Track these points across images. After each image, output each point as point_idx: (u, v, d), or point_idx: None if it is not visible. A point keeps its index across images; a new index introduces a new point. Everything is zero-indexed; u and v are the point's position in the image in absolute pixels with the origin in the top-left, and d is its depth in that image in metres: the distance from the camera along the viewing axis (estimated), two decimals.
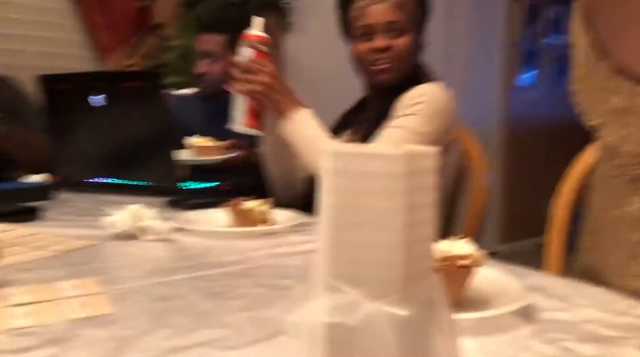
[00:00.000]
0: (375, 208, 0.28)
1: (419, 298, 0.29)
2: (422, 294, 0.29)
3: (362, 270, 0.29)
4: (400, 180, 0.28)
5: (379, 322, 0.28)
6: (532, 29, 4.20)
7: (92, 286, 0.67)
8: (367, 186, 0.28)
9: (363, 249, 0.29)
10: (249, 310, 0.60)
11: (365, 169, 0.28)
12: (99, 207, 1.22)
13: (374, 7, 1.30)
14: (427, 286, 0.30)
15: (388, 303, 0.28)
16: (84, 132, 1.46)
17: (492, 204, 4.52)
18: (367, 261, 0.29)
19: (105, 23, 2.50)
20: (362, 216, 0.29)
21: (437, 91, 1.26)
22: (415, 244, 0.29)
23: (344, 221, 0.29)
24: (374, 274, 0.29)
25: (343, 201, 0.29)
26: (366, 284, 0.29)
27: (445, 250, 0.58)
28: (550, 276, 0.74)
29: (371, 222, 0.28)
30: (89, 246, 0.88)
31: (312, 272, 0.31)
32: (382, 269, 0.29)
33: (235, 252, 0.85)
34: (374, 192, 0.28)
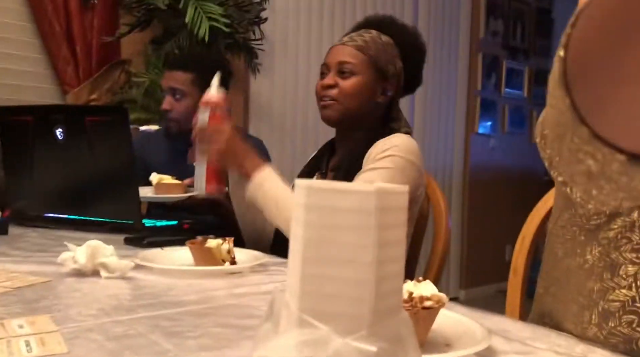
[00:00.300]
0: (346, 243, 0.29)
1: (388, 334, 0.29)
2: (391, 330, 0.29)
3: (331, 305, 0.29)
4: (371, 216, 0.29)
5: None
6: (492, 79, 4.37)
7: (46, 324, 0.64)
8: (338, 221, 0.29)
9: (332, 284, 0.29)
10: (210, 350, 0.59)
11: (336, 204, 0.29)
12: (55, 242, 1.18)
13: (336, 48, 1.35)
14: (396, 322, 0.30)
15: (357, 339, 0.28)
16: (44, 165, 1.43)
17: (453, 250, 4.60)
18: (336, 296, 0.29)
19: (70, 57, 2.48)
20: (332, 251, 0.29)
21: (408, 144, 1.26)
22: (384, 280, 0.29)
23: (314, 256, 0.29)
24: (343, 309, 0.29)
25: (313, 236, 0.29)
26: (335, 319, 0.29)
27: (410, 291, 0.58)
28: (510, 320, 0.75)
29: (341, 258, 0.29)
30: (43, 282, 0.85)
31: (279, 307, 0.31)
32: (351, 304, 0.29)
33: (196, 291, 0.84)
34: (345, 228, 0.29)
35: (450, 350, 0.59)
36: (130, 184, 1.31)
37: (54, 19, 2.43)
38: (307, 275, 0.29)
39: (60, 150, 1.38)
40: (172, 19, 2.54)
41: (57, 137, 1.38)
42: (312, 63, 3.25)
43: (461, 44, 4.10)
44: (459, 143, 4.17)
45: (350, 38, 1.34)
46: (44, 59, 2.51)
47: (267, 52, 2.93)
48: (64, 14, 2.45)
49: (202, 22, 2.34)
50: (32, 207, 1.45)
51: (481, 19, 4.21)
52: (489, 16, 4.25)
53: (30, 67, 2.48)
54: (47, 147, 1.40)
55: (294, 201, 0.31)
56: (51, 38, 2.45)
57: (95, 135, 1.34)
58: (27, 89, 2.45)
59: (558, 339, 0.66)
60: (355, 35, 1.35)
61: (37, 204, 1.46)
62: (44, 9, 2.42)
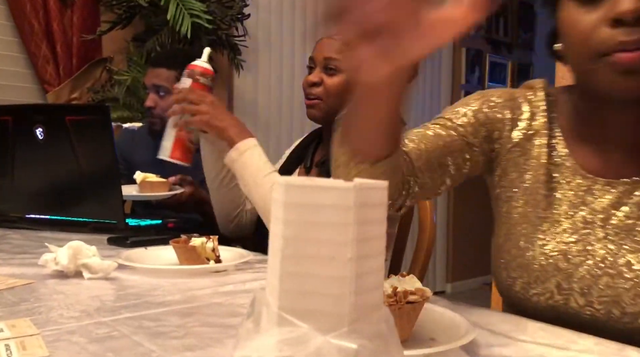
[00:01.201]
0: (325, 241, 0.29)
1: (369, 331, 0.29)
2: (372, 327, 0.29)
3: (311, 303, 0.29)
4: (350, 213, 0.28)
5: (328, 355, 0.28)
6: (476, 73, 4.39)
7: (26, 327, 0.63)
8: (317, 218, 0.29)
9: (312, 281, 0.29)
10: (195, 350, 0.59)
11: (315, 201, 0.29)
12: (36, 244, 1.17)
13: (322, 41, 1.29)
14: (377, 318, 0.30)
15: (337, 336, 0.28)
16: (24, 166, 1.41)
17: (438, 244, 4.63)
18: (316, 293, 0.29)
19: (50, 55, 2.45)
20: (312, 248, 0.29)
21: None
22: (365, 276, 0.29)
23: (293, 253, 0.29)
24: (323, 307, 0.29)
25: (292, 233, 0.29)
26: (315, 317, 0.29)
27: (394, 286, 0.58)
28: (495, 313, 0.76)
29: (321, 255, 0.29)
30: (25, 284, 0.84)
31: (260, 305, 0.30)
32: (331, 302, 0.29)
33: (180, 291, 0.83)
34: (324, 225, 0.29)
35: (435, 344, 0.59)
36: (113, 184, 1.30)
37: (33, 17, 2.39)
38: (286, 273, 0.29)
39: (41, 150, 1.36)
40: (154, 16, 2.52)
41: (38, 136, 1.36)
42: (295, 59, 3.24)
43: None
44: None
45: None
46: (23, 58, 2.47)
47: (250, 48, 2.91)
48: (43, 11, 2.42)
49: (184, 19, 2.32)
50: (12, 208, 1.43)
51: None
52: None
53: (9, 66, 2.44)
54: (27, 147, 1.38)
55: (273, 197, 0.30)
56: (30, 36, 2.41)
57: (76, 135, 1.33)
58: (6, 88, 2.41)
59: (542, 331, 0.67)
60: None
61: (17, 205, 1.43)
62: (22, 7, 2.38)
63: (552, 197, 0.76)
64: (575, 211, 0.74)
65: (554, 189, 0.76)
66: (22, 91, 2.46)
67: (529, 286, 0.76)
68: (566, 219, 0.74)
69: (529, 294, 0.76)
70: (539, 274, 0.74)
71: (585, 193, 0.74)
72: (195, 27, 2.34)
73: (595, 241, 0.72)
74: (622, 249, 0.70)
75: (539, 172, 0.78)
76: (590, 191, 0.74)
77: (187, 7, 2.34)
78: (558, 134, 0.79)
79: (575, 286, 0.72)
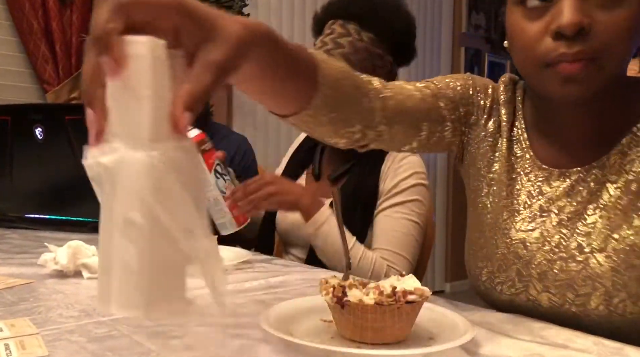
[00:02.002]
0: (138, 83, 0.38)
1: (169, 147, 0.38)
2: (172, 145, 0.38)
3: (125, 129, 0.38)
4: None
5: (130, 162, 0.37)
6: (475, 73, 4.39)
7: (26, 327, 0.63)
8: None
9: (127, 110, 0.39)
10: (194, 349, 0.59)
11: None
12: (35, 243, 1.17)
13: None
14: (176, 140, 0.39)
15: (140, 149, 0.37)
16: (23, 166, 1.41)
17: (437, 244, 4.63)
18: (126, 122, 0.39)
19: (50, 55, 2.44)
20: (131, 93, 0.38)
21: (421, 165, 1.27)
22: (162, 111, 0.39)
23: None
24: (130, 131, 0.38)
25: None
26: (127, 138, 0.38)
27: (393, 285, 0.58)
28: (494, 312, 0.76)
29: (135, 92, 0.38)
30: (24, 284, 0.84)
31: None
32: (134, 126, 0.38)
33: None
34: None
35: (434, 343, 0.59)
36: None
37: (32, 17, 2.39)
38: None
39: (40, 149, 1.36)
40: None
41: (37, 136, 1.36)
42: None
43: (444, 38, 4.12)
44: None
45: (327, 53, 1.20)
46: (22, 57, 2.47)
47: None
48: (42, 11, 2.41)
49: None
50: (12, 208, 1.43)
51: (463, 13, 4.23)
52: (470, 10, 4.27)
53: (8, 66, 2.44)
54: (26, 147, 1.38)
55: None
56: (29, 36, 2.41)
57: (75, 134, 1.33)
58: (5, 87, 2.41)
59: (541, 331, 0.67)
60: (331, 42, 1.22)
61: (17, 205, 1.43)
62: (21, 7, 2.38)
63: (513, 187, 0.80)
64: (533, 200, 0.78)
65: (515, 180, 0.80)
66: (22, 91, 2.46)
67: (493, 275, 0.79)
68: (525, 209, 0.78)
69: (494, 283, 0.79)
70: (501, 262, 0.78)
71: (542, 183, 0.78)
72: None
73: (551, 227, 0.75)
74: (574, 233, 0.73)
75: (503, 164, 0.81)
76: (547, 180, 0.77)
77: None
78: (522, 128, 0.82)
79: (533, 272, 0.75)
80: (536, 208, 0.77)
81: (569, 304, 0.72)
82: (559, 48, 0.66)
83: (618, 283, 0.68)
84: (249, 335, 0.63)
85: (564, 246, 0.73)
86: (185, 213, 0.38)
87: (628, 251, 0.68)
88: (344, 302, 0.58)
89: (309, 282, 0.91)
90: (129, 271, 0.37)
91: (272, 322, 0.60)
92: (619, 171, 0.72)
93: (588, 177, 0.74)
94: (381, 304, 0.57)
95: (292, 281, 0.92)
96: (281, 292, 0.84)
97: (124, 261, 0.37)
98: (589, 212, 0.72)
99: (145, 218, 0.37)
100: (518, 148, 0.81)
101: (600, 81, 0.67)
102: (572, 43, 0.65)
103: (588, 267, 0.70)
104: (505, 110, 0.83)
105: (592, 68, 0.65)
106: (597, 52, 0.65)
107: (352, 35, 1.22)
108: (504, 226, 0.79)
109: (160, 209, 0.37)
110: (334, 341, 0.60)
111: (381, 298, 0.57)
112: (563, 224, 0.74)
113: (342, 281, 0.61)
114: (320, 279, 0.63)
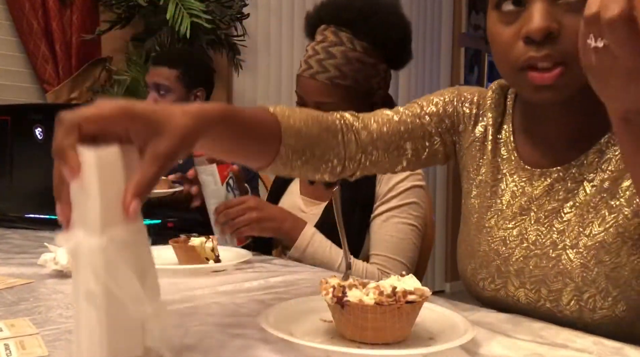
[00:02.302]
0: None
1: (118, 231, 0.47)
2: (121, 228, 0.47)
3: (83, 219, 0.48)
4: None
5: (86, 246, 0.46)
6: (475, 73, 4.39)
7: (26, 327, 0.63)
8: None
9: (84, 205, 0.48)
10: (195, 349, 0.59)
11: None
12: (35, 243, 1.17)
13: (306, 82, 1.21)
14: (126, 223, 0.48)
15: (94, 235, 0.47)
16: (23, 166, 1.41)
17: (437, 243, 4.62)
18: (83, 214, 0.48)
19: (50, 55, 2.44)
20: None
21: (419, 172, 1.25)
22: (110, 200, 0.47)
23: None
24: (86, 221, 0.48)
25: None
26: (84, 227, 0.48)
27: (393, 285, 0.58)
28: (493, 312, 0.76)
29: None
30: (24, 284, 0.84)
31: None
32: (89, 217, 0.47)
33: (180, 290, 0.83)
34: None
35: (434, 343, 0.59)
36: None
37: (32, 17, 2.39)
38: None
39: (40, 149, 1.36)
40: (153, 16, 2.52)
41: (37, 136, 1.36)
42: (294, 59, 3.24)
43: (443, 38, 4.12)
44: None
45: (318, 63, 1.18)
46: (22, 57, 2.47)
47: (249, 48, 2.91)
48: (42, 11, 2.42)
49: (183, 19, 2.32)
50: (11, 208, 1.43)
51: (463, 13, 4.23)
52: (470, 10, 4.27)
53: (8, 66, 2.44)
54: (26, 147, 1.38)
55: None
56: (29, 36, 2.41)
57: None
58: (5, 87, 2.41)
59: (541, 331, 0.67)
60: (323, 52, 1.18)
61: (17, 205, 1.43)
62: (21, 6, 2.38)
63: (498, 188, 0.83)
64: (515, 200, 0.80)
65: (500, 181, 0.83)
66: (21, 91, 2.46)
67: (476, 272, 0.81)
68: (507, 208, 0.80)
69: (477, 279, 0.81)
70: (482, 259, 0.81)
71: (525, 183, 0.80)
72: (195, 26, 2.34)
73: (529, 225, 0.77)
74: (550, 231, 0.75)
75: (489, 166, 0.84)
76: (529, 180, 0.79)
77: (187, 7, 2.34)
78: (510, 131, 0.84)
79: (511, 268, 0.78)
80: (517, 207, 0.79)
81: (543, 299, 0.74)
82: (528, 52, 0.67)
83: (587, 279, 0.70)
84: (249, 335, 0.63)
85: (540, 243, 0.75)
86: (132, 284, 0.47)
87: (597, 247, 0.70)
88: (344, 302, 0.58)
89: (309, 282, 0.91)
90: (93, 331, 0.47)
91: (272, 322, 0.60)
92: (595, 170, 0.74)
93: (567, 176, 0.76)
94: (381, 304, 0.57)
95: (292, 281, 0.92)
96: (281, 292, 0.84)
97: (89, 323, 0.47)
98: (565, 210, 0.75)
99: (100, 289, 0.46)
100: (505, 150, 0.83)
101: (573, 85, 0.68)
102: (540, 47, 0.66)
103: (560, 263, 0.73)
104: (491, 114, 0.85)
105: (564, 75, 0.66)
106: (566, 56, 0.65)
107: (344, 44, 1.18)
108: (487, 224, 0.82)
109: (111, 282, 0.46)
110: (334, 341, 0.60)
111: (381, 298, 0.57)
112: (541, 221, 0.76)
113: (342, 281, 0.61)
114: (320, 279, 0.63)
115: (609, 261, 0.70)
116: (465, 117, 0.88)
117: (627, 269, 0.69)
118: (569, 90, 0.69)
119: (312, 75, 1.19)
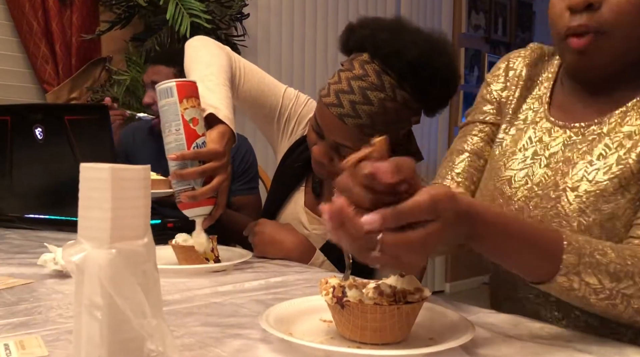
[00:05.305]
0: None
1: (125, 246, 0.48)
2: (129, 244, 0.49)
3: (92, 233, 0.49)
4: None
5: (94, 258, 0.47)
6: (475, 73, 4.39)
7: (35, 346, 0.63)
8: None
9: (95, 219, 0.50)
10: (194, 349, 0.59)
11: None
12: (35, 243, 1.17)
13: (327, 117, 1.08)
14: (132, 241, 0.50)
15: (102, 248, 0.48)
16: (23, 165, 1.41)
17: None
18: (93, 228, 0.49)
19: (50, 55, 2.44)
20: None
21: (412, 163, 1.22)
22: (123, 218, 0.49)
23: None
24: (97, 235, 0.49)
25: None
26: (91, 240, 0.49)
27: (393, 286, 0.58)
28: (494, 312, 0.76)
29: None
30: (23, 284, 0.84)
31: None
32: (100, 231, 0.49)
33: (179, 290, 0.83)
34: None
35: (434, 343, 0.59)
36: None
37: (32, 17, 2.39)
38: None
39: (40, 149, 1.36)
40: (153, 16, 2.52)
41: (37, 136, 1.36)
42: (294, 59, 3.24)
43: None
44: (442, 136, 4.19)
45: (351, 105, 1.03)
46: (22, 58, 2.47)
47: (249, 48, 2.91)
48: (42, 11, 2.42)
49: (183, 19, 2.32)
50: (11, 208, 1.43)
51: (463, 13, 4.23)
52: (470, 10, 4.27)
53: (8, 66, 2.44)
54: (26, 147, 1.38)
55: None
56: (29, 36, 2.41)
57: (75, 134, 1.33)
58: (5, 87, 2.41)
59: (541, 331, 0.67)
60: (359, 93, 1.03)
61: (16, 205, 1.43)
62: (22, 7, 2.38)
63: (521, 135, 0.87)
64: (530, 146, 0.85)
65: (523, 131, 0.87)
66: (21, 91, 2.46)
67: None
68: (520, 152, 0.85)
69: None
70: (487, 198, 0.86)
71: (544, 134, 0.85)
72: (195, 26, 2.34)
73: (537, 169, 0.81)
74: (557, 175, 0.79)
75: (524, 118, 0.89)
76: (549, 132, 0.84)
77: (186, 7, 2.34)
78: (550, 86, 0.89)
79: (512, 208, 0.82)
80: (530, 152, 0.84)
81: None
82: (570, 21, 0.74)
83: (582, 224, 0.73)
84: (249, 335, 0.63)
85: (543, 184, 0.79)
86: (137, 297, 0.47)
87: (598, 194, 0.73)
88: (344, 302, 0.58)
89: (309, 282, 0.91)
90: (93, 344, 0.47)
91: (272, 322, 0.60)
92: (614, 129, 0.77)
93: (586, 131, 0.80)
94: (381, 304, 0.57)
95: (292, 281, 0.92)
96: (281, 292, 0.84)
97: (90, 336, 0.47)
98: (575, 159, 0.78)
99: (104, 302, 0.47)
100: (538, 103, 0.88)
101: (610, 55, 0.74)
102: (579, 16, 0.73)
103: (559, 204, 0.76)
104: (545, 71, 0.91)
105: (600, 41, 0.73)
106: (604, 25, 0.72)
107: (385, 91, 1.03)
108: (498, 166, 0.86)
109: (116, 293, 0.47)
110: (334, 341, 0.60)
111: (381, 298, 0.57)
112: (550, 167, 0.80)
113: (342, 281, 0.61)
114: (320, 279, 0.63)
115: (607, 210, 0.72)
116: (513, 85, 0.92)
117: (621, 221, 0.72)
118: (603, 58, 0.74)
119: (341, 116, 1.05)
